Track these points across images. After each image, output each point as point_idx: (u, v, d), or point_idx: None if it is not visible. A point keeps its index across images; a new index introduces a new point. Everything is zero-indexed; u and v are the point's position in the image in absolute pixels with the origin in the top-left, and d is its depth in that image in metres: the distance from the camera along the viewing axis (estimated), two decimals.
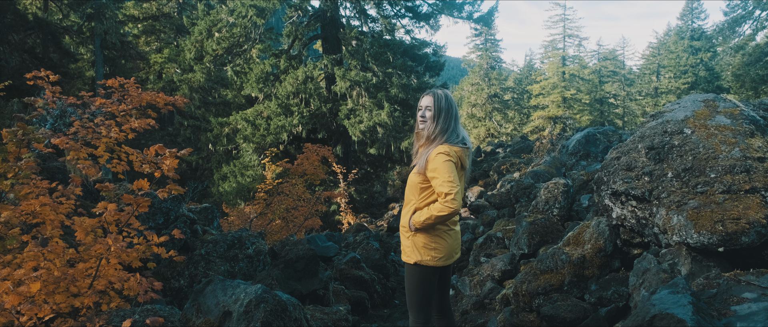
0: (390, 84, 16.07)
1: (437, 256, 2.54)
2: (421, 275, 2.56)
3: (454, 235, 2.62)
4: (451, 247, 2.59)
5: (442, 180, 2.39)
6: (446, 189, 2.37)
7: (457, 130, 2.57)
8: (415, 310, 2.61)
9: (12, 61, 15.68)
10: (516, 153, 18.05)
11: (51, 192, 2.79)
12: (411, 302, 2.62)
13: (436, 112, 2.54)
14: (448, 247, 2.56)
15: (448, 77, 40.26)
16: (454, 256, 2.63)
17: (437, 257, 2.54)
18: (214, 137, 17.30)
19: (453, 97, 2.62)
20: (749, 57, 23.71)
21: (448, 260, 2.57)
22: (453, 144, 2.52)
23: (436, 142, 2.53)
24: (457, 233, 2.66)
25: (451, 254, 2.59)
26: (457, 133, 2.57)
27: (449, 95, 2.61)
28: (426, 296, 2.59)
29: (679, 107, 4.11)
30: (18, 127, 2.55)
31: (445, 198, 2.37)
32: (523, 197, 7.87)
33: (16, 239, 2.43)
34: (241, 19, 16.11)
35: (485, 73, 37.64)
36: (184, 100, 3.42)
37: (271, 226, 9.95)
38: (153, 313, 3.00)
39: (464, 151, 2.56)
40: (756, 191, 3.07)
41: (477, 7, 18.61)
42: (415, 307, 2.60)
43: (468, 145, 2.59)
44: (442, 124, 2.54)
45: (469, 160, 2.63)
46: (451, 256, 2.59)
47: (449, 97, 2.59)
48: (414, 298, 2.60)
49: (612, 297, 3.26)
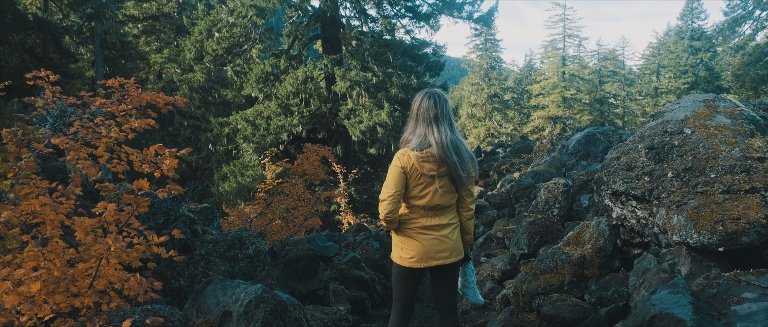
0: (390, 84, 16.07)
1: (405, 257, 2.63)
2: (396, 271, 2.72)
3: (427, 240, 2.57)
4: (424, 251, 2.57)
5: (383, 185, 2.55)
6: (381, 195, 2.54)
7: (424, 134, 2.50)
8: (393, 302, 2.79)
9: (12, 61, 15.68)
10: (516, 153, 18.04)
11: (51, 192, 2.79)
12: (393, 295, 2.82)
13: (409, 117, 2.64)
14: (418, 250, 2.59)
15: (448, 77, 40.20)
16: (429, 260, 2.58)
17: (405, 257, 2.63)
18: (214, 137, 17.30)
19: (431, 99, 2.52)
20: (749, 57, 23.72)
21: (419, 263, 2.59)
22: (413, 149, 2.50)
23: (401, 146, 2.62)
24: (435, 239, 2.57)
25: (423, 258, 2.58)
26: (422, 137, 2.51)
27: (422, 98, 2.54)
28: (399, 292, 2.73)
29: (679, 107, 4.11)
30: (18, 127, 2.55)
31: (380, 203, 2.55)
32: (523, 197, 7.87)
33: (16, 239, 2.43)
34: (241, 19, 16.11)
35: (485, 73, 37.64)
36: (184, 100, 3.42)
37: (271, 226, 9.95)
38: (153, 313, 3.00)
39: (424, 156, 2.48)
40: (756, 191, 3.07)
41: (477, 7, 18.63)
42: (393, 300, 2.79)
43: (437, 149, 2.47)
44: (408, 129, 2.61)
45: (445, 164, 2.48)
46: (423, 259, 2.58)
47: (421, 99, 2.54)
48: (393, 292, 2.79)
49: (612, 297, 3.26)
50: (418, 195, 2.53)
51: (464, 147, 2.57)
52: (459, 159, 2.51)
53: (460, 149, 2.54)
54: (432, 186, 2.51)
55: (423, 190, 2.52)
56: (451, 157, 2.48)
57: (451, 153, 2.48)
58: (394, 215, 2.55)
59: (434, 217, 2.58)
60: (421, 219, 2.59)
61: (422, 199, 2.53)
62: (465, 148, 2.57)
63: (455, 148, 2.51)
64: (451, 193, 2.58)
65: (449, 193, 2.58)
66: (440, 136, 2.49)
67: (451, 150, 2.49)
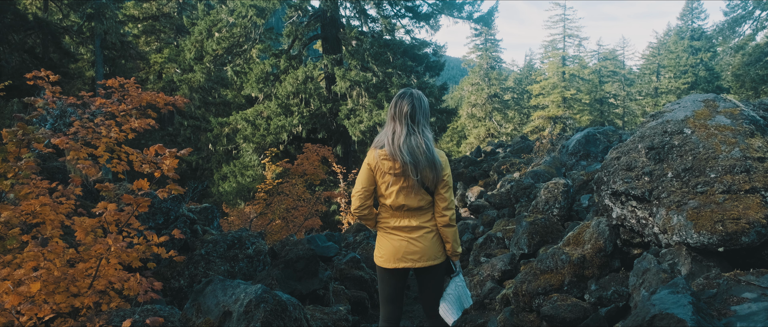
0: (390, 84, 16.07)
1: (379, 256, 2.68)
2: (377, 271, 2.76)
3: (396, 241, 2.58)
4: (393, 251, 2.58)
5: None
6: (352, 191, 2.64)
7: (389, 135, 2.50)
8: (380, 305, 2.81)
9: (12, 61, 15.69)
10: (516, 153, 18.04)
11: (51, 192, 2.79)
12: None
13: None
14: (387, 249, 2.61)
15: (448, 77, 40.21)
16: (398, 262, 2.57)
17: (379, 257, 2.68)
18: (214, 137, 17.30)
19: (399, 98, 2.50)
20: (749, 57, 23.72)
21: (387, 263, 2.61)
22: (376, 147, 2.56)
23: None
24: (403, 241, 2.56)
25: (390, 258, 2.59)
26: (385, 137, 2.52)
27: (396, 98, 2.52)
28: (381, 294, 2.77)
29: (679, 107, 4.11)
30: (18, 127, 2.55)
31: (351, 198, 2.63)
32: (523, 197, 7.87)
33: (16, 239, 2.43)
34: (241, 19, 16.12)
35: (485, 73, 37.65)
36: (184, 100, 3.43)
37: (271, 226, 9.95)
38: (153, 313, 3.00)
39: (383, 154, 2.49)
40: (756, 191, 3.07)
41: (477, 7, 18.64)
42: (380, 303, 2.82)
43: (387, 147, 2.47)
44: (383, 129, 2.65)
45: (405, 165, 2.46)
46: (391, 260, 2.59)
47: (394, 98, 2.53)
48: (378, 295, 2.83)
49: (612, 297, 3.26)
50: (385, 194, 2.56)
51: (424, 149, 2.46)
52: (412, 160, 2.44)
53: (415, 150, 2.45)
54: (396, 185, 2.51)
55: (387, 189, 2.53)
56: (402, 156, 2.45)
57: (400, 153, 2.45)
58: (363, 211, 2.61)
59: (404, 219, 2.57)
60: (390, 219, 2.61)
61: (388, 198, 2.55)
62: (424, 150, 2.45)
63: (410, 148, 2.45)
64: (418, 195, 2.51)
65: (416, 194, 2.51)
66: (393, 135, 2.48)
67: (402, 150, 2.45)
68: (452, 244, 2.61)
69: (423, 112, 2.52)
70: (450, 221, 2.55)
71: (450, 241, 2.60)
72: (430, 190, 2.54)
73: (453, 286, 2.71)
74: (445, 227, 2.57)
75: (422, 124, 2.51)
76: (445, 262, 2.67)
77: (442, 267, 2.67)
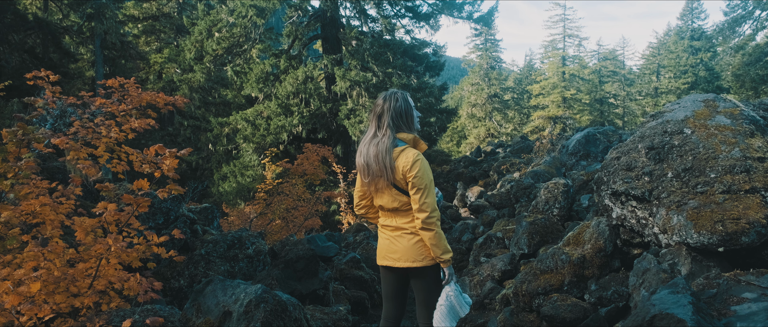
0: (390, 84, 16.07)
1: (376, 253, 2.77)
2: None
3: (382, 239, 2.66)
4: (380, 249, 2.68)
5: None
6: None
7: (370, 136, 2.54)
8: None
9: (12, 61, 15.69)
10: (516, 153, 18.04)
11: (51, 192, 2.79)
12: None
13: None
14: (379, 247, 2.72)
15: (448, 77, 40.20)
16: (382, 259, 2.64)
17: (376, 254, 2.77)
18: (214, 137, 17.30)
19: (380, 100, 2.51)
20: (749, 57, 23.72)
21: (378, 260, 2.71)
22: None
23: None
24: (387, 239, 2.61)
25: (379, 255, 2.70)
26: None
27: (379, 99, 2.54)
28: (382, 289, 2.81)
29: (679, 107, 4.11)
30: (18, 127, 2.55)
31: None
32: (523, 197, 7.87)
33: (16, 239, 2.43)
34: (241, 19, 16.11)
35: (485, 73, 37.64)
36: (184, 100, 3.42)
37: (271, 226, 9.95)
38: (153, 313, 3.00)
39: (361, 159, 2.55)
40: (756, 191, 3.07)
41: (477, 7, 18.67)
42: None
43: (359, 150, 2.55)
44: None
45: (376, 166, 2.46)
46: (379, 257, 2.69)
47: (379, 100, 2.55)
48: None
49: (612, 297, 3.26)
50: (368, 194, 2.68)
51: (380, 150, 2.43)
52: (366, 160, 2.49)
53: (370, 151, 2.46)
54: (370, 185, 2.55)
55: (367, 188, 2.60)
56: (361, 156, 2.53)
57: (360, 153, 2.54)
58: (361, 210, 2.73)
59: (388, 218, 2.61)
60: (381, 218, 2.68)
61: (373, 197, 2.63)
62: (379, 151, 2.43)
63: (368, 148, 2.48)
64: (391, 195, 2.48)
65: (388, 194, 2.49)
66: (365, 135, 2.57)
67: (362, 150, 2.53)
68: (433, 249, 2.45)
69: (397, 112, 2.47)
70: (424, 225, 2.41)
71: (429, 245, 2.46)
72: (405, 191, 2.47)
73: (444, 296, 2.55)
74: (421, 230, 2.45)
75: (390, 125, 2.45)
76: (430, 268, 2.54)
77: (426, 271, 2.55)
